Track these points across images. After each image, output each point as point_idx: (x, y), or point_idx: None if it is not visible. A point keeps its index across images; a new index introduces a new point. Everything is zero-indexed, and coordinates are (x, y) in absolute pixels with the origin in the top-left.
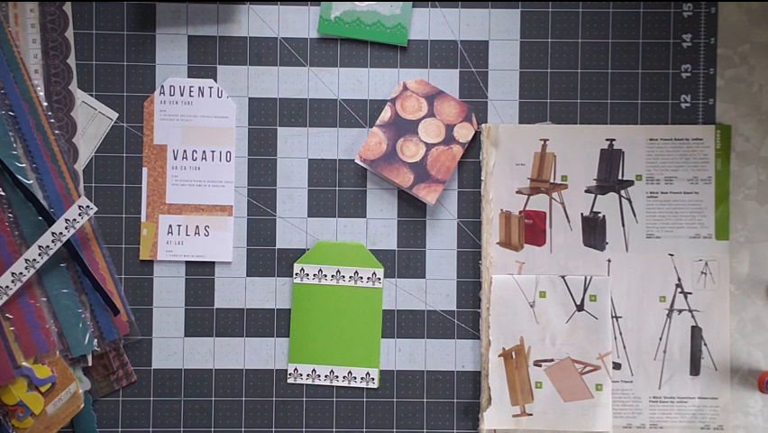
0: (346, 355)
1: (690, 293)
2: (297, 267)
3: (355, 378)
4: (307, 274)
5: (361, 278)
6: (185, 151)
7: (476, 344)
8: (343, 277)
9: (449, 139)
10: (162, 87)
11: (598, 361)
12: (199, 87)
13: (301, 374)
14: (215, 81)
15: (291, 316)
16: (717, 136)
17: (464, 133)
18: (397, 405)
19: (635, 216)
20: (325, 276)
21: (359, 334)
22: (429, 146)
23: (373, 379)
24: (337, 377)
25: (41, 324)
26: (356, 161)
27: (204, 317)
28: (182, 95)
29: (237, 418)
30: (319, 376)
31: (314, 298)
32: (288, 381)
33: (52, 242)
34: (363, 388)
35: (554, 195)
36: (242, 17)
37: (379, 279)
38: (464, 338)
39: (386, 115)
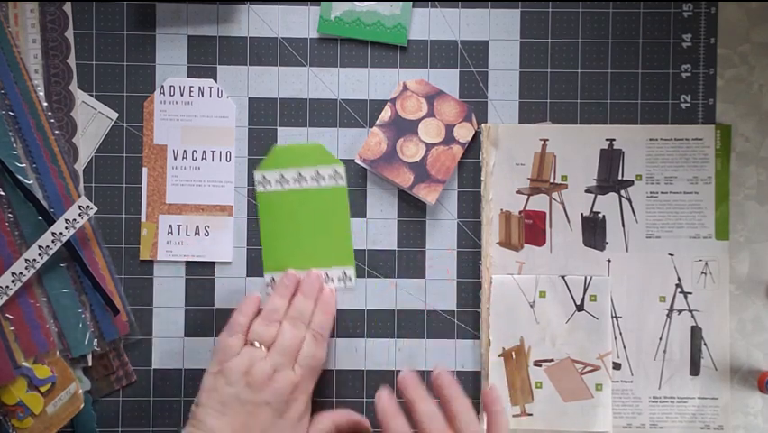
0: (320, 257)
1: (690, 293)
2: (257, 175)
3: (332, 279)
4: (269, 182)
5: (323, 177)
6: (185, 151)
7: (476, 344)
8: (305, 179)
9: (449, 139)
10: (162, 87)
11: (598, 361)
12: (199, 87)
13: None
14: (215, 81)
15: (260, 226)
16: (718, 136)
17: (464, 133)
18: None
19: (635, 216)
20: (287, 181)
21: (329, 234)
22: (429, 146)
23: (350, 278)
24: None
25: (41, 324)
26: (356, 160)
27: (204, 317)
28: (182, 95)
29: None
30: None
31: (280, 204)
32: (267, 291)
33: (52, 242)
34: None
35: (554, 195)
36: (242, 17)
37: (342, 176)
38: (464, 338)
39: (386, 114)
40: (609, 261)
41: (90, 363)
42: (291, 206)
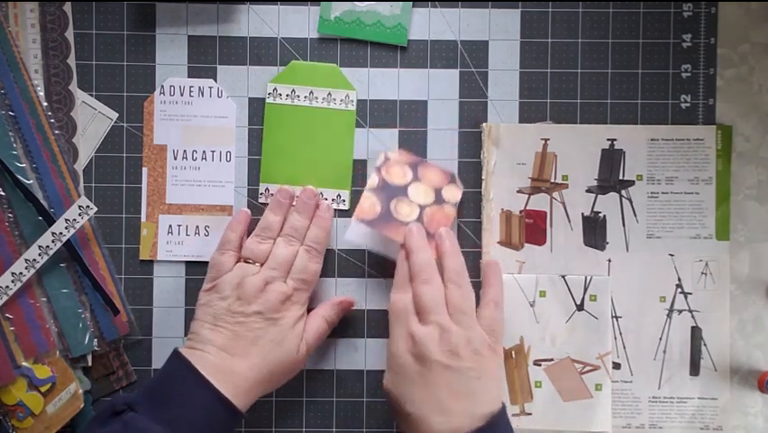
0: (318, 177)
1: (691, 293)
2: (270, 87)
3: (326, 199)
4: (280, 94)
5: (334, 99)
6: (185, 151)
7: None
8: (316, 98)
9: (439, 199)
10: (162, 87)
11: (598, 361)
12: (199, 87)
13: (272, 194)
14: (215, 81)
15: (263, 136)
16: (719, 137)
17: (452, 194)
18: None
19: (635, 216)
20: (298, 96)
21: (331, 156)
22: (422, 207)
23: (344, 201)
24: None
25: (41, 324)
26: (354, 221)
27: None
28: (182, 95)
29: None
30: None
31: (286, 118)
32: (260, 200)
33: (52, 242)
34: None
35: (555, 194)
36: (241, 17)
37: (352, 101)
38: None
39: (373, 181)
40: (610, 261)
41: (90, 364)
42: (298, 121)
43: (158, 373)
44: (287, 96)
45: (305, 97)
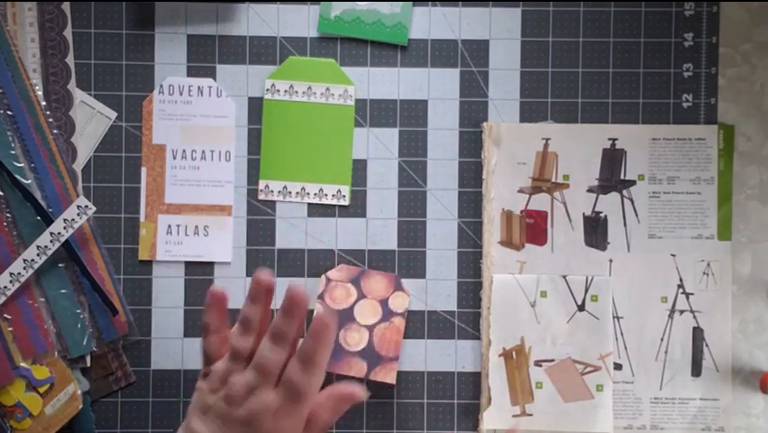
0: (318, 173)
1: (692, 294)
2: (268, 83)
3: (326, 195)
4: (278, 90)
5: (333, 95)
6: (184, 150)
7: (476, 344)
8: (314, 93)
9: (387, 314)
10: (161, 86)
11: (599, 361)
12: (198, 87)
13: (272, 191)
14: (215, 80)
15: (262, 132)
16: (720, 136)
17: (399, 302)
18: (398, 406)
19: (637, 216)
20: (296, 92)
21: (330, 151)
22: (371, 328)
23: (344, 196)
24: (308, 194)
25: (40, 324)
26: None
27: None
28: (181, 94)
29: None
30: (290, 193)
31: (285, 114)
32: (260, 197)
33: (51, 242)
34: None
35: (556, 194)
36: (241, 16)
37: (351, 96)
38: (464, 339)
39: (318, 312)
40: (611, 261)
41: (89, 364)
42: (296, 117)
43: None
44: (285, 91)
45: (303, 93)
